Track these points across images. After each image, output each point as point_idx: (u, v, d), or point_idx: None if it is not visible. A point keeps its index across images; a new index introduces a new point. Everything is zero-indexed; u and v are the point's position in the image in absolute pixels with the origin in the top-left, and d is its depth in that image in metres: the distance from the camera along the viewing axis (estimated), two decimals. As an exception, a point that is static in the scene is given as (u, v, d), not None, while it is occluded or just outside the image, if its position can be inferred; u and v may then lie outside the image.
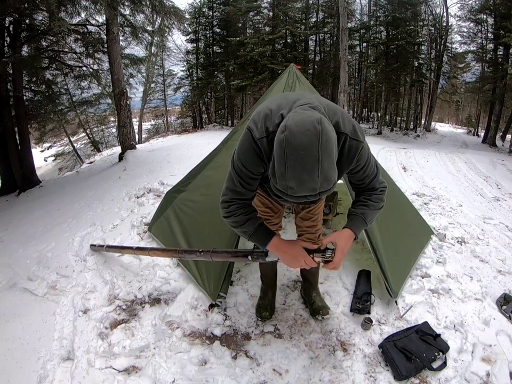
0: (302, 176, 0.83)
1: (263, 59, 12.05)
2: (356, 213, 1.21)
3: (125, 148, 6.66)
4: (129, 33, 6.94)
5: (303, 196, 0.87)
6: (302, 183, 0.83)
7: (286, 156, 0.83)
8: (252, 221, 1.19)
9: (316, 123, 0.83)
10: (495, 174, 5.74)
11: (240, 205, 1.18)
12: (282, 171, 0.85)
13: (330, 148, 0.84)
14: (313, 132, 0.82)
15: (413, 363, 1.46)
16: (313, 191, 0.85)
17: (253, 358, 1.58)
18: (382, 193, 1.22)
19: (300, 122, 0.85)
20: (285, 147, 0.83)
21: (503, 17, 11.11)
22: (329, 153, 0.84)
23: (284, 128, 0.85)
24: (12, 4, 4.42)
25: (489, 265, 2.32)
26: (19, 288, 2.16)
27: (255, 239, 1.22)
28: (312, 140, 0.81)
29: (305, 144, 0.81)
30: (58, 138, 13.25)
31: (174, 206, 2.46)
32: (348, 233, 1.19)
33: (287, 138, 0.83)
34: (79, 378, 1.49)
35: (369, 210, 1.20)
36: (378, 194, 1.21)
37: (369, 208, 1.20)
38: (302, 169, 0.82)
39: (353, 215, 1.22)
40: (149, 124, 18.79)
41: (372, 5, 14.57)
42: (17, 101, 6.12)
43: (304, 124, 0.84)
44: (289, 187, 0.85)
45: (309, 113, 0.88)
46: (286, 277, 2.13)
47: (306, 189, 0.84)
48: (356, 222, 1.21)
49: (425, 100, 16.24)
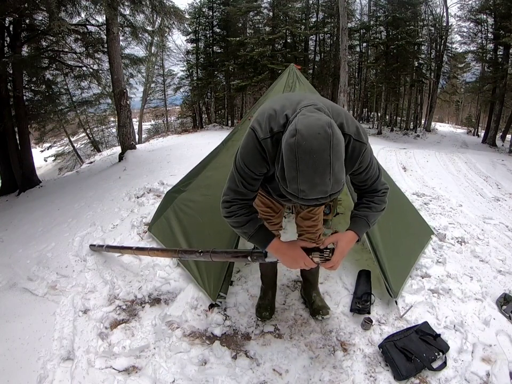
0: (314, 180, 0.83)
1: (263, 59, 12.05)
2: (359, 215, 1.22)
3: (125, 148, 6.66)
4: (129, 33, 6.94)
5: (315, 199, 0.87)
6: (314, 186, 0.84)
7: (297, 160, 0.83)
8: (253, 222, 1.19)
9: (326, 126, 0.83)
10: (495, 174, 5.74)
11: (241, 205, 1.17)
12: (293, 175, 0.85)
13: (340, 151, 0.85)
14: (324, 135, 0.82)
15: (413, 363, 1.46)
16: (324, 194, 0.85)
17: (253, 358, 1.58)
18: (384, 195, 1.23)
19: (310, 125, 0.84)
20: (296, 151, 0.83)
21: (503, 17, 11.11)
22: (339, 156, 0.84)
23: (295, 132, 0.84)
24: (12, 3, 4.42)
25: (489, 265, 2.32)
26: (19, 288, 2.16)
27: (255, 240, 1.22)
28: (323, 143, 0.82)
29: (317, 148, 0.81)
30: (58, 138, 13.24)
31: (174, 206, 2.46)
32: (351, 235, 1.20)
33: (298, 142, 0.83)
34: (79, 378, 1.49)
35: (371, 213, 1.22)
36: (381, 196, 1.22)
37: (372, 210, 1.21)
38: (314, 173, 0.82)
39: (356, 217, 1.23)
40: (149, 124, 18.79)
41: (372, 5, 14.57)
42: (17, 101, 6.12)
43: (314, 128, 0.84)
44: (301, 190, 0.85)
45: (317, 115, 0.89)
46: (286, 277, 2.13)
47: (318, 192, 0.85)
48: (359, 224, 1.22)
49: (425, 100, 16.23)
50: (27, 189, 5.98)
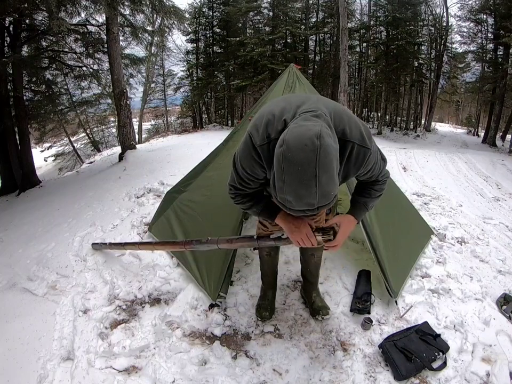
0: (299, 192, 0.83)
1: (263, 59, 12.02)
2: (359, 201, 1.28)
3: (125, 148, 6.65)
4: (129, 33, 6.95)
5: (301, 210, 0.87)
6: (299, 198, 0.84)
7: (283, 171, 0.83)
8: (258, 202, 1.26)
9: (315, 138, 0.81)
10: (495, 174, 5.74)
11: (243, 195, 1.24)
12: (280, 185, 0.85)
13: (329, 164, 0.82)
14: (310, 147, 0.80)
15: (413, 363, 1.46)
16: (311, 206, 0.85)
17: (253, 358, 1.58)
18: (384, 182, 1.27)
19: (298, 137, 0.83)
20: (282, 162, 0.83)
21: (503, 17, 11.09)
22: (327, 169, 0.82)
23: (282, 142, 0.84)
24: (12, 3, 4.41)
25: (489, 265, 2.32)
26: (19, 288, 2.16)
27: (264, 215, 1.29)
28: (309, 156, 0.80)
29: (302, 161, 0.80)
30: (58, 138, 13.21)
31: (175, 206, 2.46)
32: (352, 219, 1.25)
33: (284, 153, 0.82)
34: (79, 378, 1.49)
35: (370, 199, 1.27)
36: (381, 184, 1.26)
37: (372, 196, 1.27)
38: (299, 185, 0.82)
39: (356, 203, 1.29)
40: (149, 124, 18.75)
41: (372, 5, 14.53)
42: (17, 101, 6.10)
43: (302, 139, 0.82)
44: (288, 201, 0.86)
45: (309, 125, 0.86)
46: (286, 277, 2.13)
47: (304, 204, 0.85)
48: (358, 209, 1.28)
49: (425, 100, 16.20)
50: (27, 189, 5.96)
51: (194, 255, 2.04)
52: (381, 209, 2.02)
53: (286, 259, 2.27)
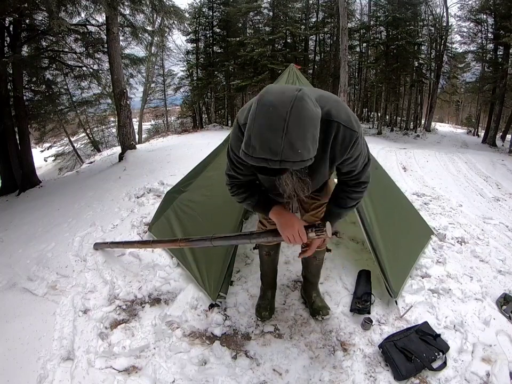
0: (265, 134, 0.80)
1: (263, 59, 12.02)
2: (334, 211, 1.27)
3: (125, 148, 6.65)
4: (129, 33, 6.95)
5: (263, 159, 0.81)
6: (264, 142, 0.80)
7: (255, 113, 0.82)
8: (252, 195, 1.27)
9: (295, 90, 0.82)
10: (495, 174, 5.74)
11: (238, 185, 1.27)
12: (249, 133, 0.83)
13: (303, 119, 0.80)
14: (288, 94, 0.81)
15: (413, 363, 1.46)
16: (274, 155, 0.80)
17: (253, 358, 1.58)
18: (364, 189, 1.23)
19: (277, 87, 0.86)
20: (256, 103, 0.83)
21: (503, 17, 11.10)
22: (302, 123, 0.80)
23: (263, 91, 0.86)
24: (12, 3, 4.41)
25: (489, 265, 2.32)
26: (19, 288, 2.16)
27: (259, 209, 1.32)
28: (284, 100, 0.80)
29: (275, 102, 0.80)
30: (58, 138, 13.21)
31: (175, 206, 2.46)
32: None
33: (260, 95, 0.84)
34: (79, 378, 1.49)
35: (345, 209, 1.26)
36: (359, 191, 1.22)
37: (347, 206, 1.25)
38: (267, 127, 0.80)
39: (330, 211, 1.28)
40: (149, 124, 18.74)
41: (372, 5, 14.54)
42: (17, 101, 6.10)
43: (283, 88, 0.85)
44: (252, 146, 0.82)
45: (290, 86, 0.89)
46: (286, 277, 2.13)
47: (267, 150, 0.80)
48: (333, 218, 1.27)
49: (425, 100, 16.20)
50: (27, 189, 5.96)
51: (194, 255, 2.04)
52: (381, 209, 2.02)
53: (286, 259, 2.27)
